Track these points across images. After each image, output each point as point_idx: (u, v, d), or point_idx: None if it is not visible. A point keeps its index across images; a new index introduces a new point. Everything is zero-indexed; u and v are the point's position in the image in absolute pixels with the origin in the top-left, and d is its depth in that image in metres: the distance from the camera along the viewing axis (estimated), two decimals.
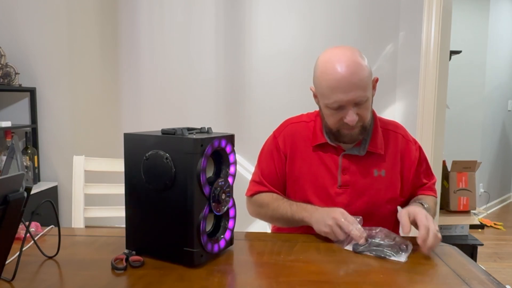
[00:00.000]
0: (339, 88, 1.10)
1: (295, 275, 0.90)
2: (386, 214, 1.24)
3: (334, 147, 1.25)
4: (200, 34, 2.46)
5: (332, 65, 1.11)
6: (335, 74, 1.10)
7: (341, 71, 1.09)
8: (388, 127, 1.30)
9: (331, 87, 1.11)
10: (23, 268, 0.88)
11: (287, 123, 1.34)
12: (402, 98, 2.40)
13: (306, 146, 1.27)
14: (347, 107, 1.13)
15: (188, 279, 0.86)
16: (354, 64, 1.10)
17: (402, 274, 0.91)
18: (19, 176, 0.75)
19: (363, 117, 1.16)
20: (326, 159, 1.25)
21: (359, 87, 1.10)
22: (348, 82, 1.09)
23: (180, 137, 0.90)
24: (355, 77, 1.09)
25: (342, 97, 1.11)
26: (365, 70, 1.12)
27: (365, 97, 1.12)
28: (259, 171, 1.32)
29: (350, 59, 1.11)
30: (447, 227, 2.62)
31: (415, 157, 1.28)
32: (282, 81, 2.44)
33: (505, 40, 4.44)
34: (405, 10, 2.36)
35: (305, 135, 1.28)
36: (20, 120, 2.51)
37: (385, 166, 1.24)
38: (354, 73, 1.09)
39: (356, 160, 1.23)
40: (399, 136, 1.29)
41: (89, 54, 2.50)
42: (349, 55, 1.12)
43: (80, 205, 1.51)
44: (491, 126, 4.43)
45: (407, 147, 1.28)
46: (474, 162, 2.68)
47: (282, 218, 1.23)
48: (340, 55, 1.12)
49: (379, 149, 1.24)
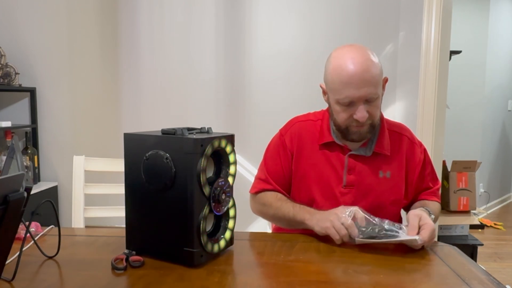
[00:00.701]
0: (351, 84, 1.11)
1: (295, 275, 0.90)
2: (389, 216, 1.23)
3: (340, 147, 1.25)
4: (200, 34, 2.46)
5: (345, 61, 1.13)
6: (348, 70, 1.12)
7: (354, 67, 1.11)
8: (394, 128, 1.29)
9: (344, 82, 1.12)
10: (23, 268, 0.88)
11: (294, 121, 1.34)
12: (402, 98, 2.40)
13: (312, 144, 1.27)
14: (357, 103, 1.13)
15: (188, 279, 0.86)
16: (367, 61, 1.12)
17: (402, 274, 0.91)
18: (19, 176, 0.75)
19: (373, 114, 1.16)
20: (332, 159, 1.25)
21: (371, 84, 1.11)
22: (360, 78, 1.11)
23: (180, 137, 0.90)
24: (367, 73, 1.11)
25: (354, 92, 1.12)
26: (377, 68, 1.13)
27: (376, 94, 1.13)
28: (265, 169, 1.32)
29: (363, 56, 1.13)
30: (447, 227, 2.62)
31: (419, 159, 1.28)
32: (282, 81, 2.44)
33: (505, 40, 4.44)
34: (405, 10, 2.36)
35: (312, 134, 1.28)
36: (20, 120, 2.51)
37: (391, 167, 1.24)
38: (367, 70, 1.11)
39: (362, 161, 1.23)
40: (405, 138, 1.28)
41: (89, 54, 2.50)
42: (362, 52, 1.14)
43: (80, 205, 1.51)
44: (491, 126, 4.43)
45: (413, 149, 1.28)
46: (474, 162, 2.68)
47: (284, 218, 1.23)
48: (353, 52, 1.14)
49: (386, 150, 1.24)
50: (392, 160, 1.25)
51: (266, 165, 1.33)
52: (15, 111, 2.52)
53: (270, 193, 1.29)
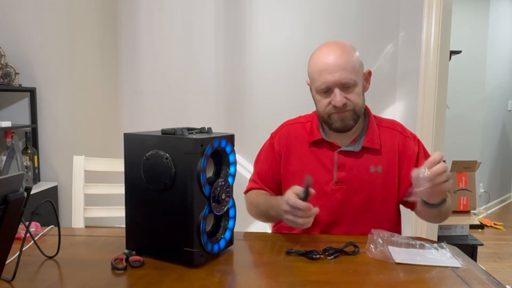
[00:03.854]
0: (326, 70, 1.17)
1: (295, 275, 0.90)
2: (382, 212, 1.24)
3: (330, 144, 1.25)
4: (200, 34, 2.46)
5: (321, 51, 1.21)
6: (322, 58, 1.19)
7: (328, 55, 1.18)
8: (384, 124, 1.30)
9: (319, 69, 1.19)
10: (23, 268, 0.88)
11: (284, 124, 1.38)
12: (402, 98, 2.40)
13: (302, 145, 1.29)
14: (334, 89, 1.17)
15: (188, 279, 0.86)
16: (341, 49, 1.18)
17: (402, 274, 0.91)
18: (19, 176, 0.75)
19: (353, 101, 1.18)
20: (322, 157, 1.26)
21: (345, 69, 1.15)
22: (334, 63, 1.16)
23: (180, 137, 0.90)
24: (340, 59, 1.16)
25: (329, 77, 1.16)
26: (352, 55, 1.18)
27: (351, 79, 1.16)
28: (255, 170, 1.37)
29: (338, 46, 1.19)
30: (447, 227, 2.62)
31: (413, 151, 1.26)
32: (282, 81, 2.44)
33: (505, 40, 4.44)
34: (405, 10, 2.36)
35: (301, 135, 1.30)
36: (20, 120, 2.51)
37: (382, 162, 1.24)
38: (341, 56, 1.17)
39: (352, 157, 1.24)
40: (396, 132, 1.28)
41: (89, 54, 2.50)
42: (338, 43, 1.21)
43: (80, 205, 1.51)
44: (491, 126, 4.43)
45: (405, 143, 1.27)
46: (474, 162, 2.68)
47: (262, 212, 1.27)
48: (329, 43, 1.23)
49: (375, 144, 1.24)
50: (383, 154, 1.24)
51: (256, 166, 1.38)
52: (15, 111, 2.52)
53: (255, 191, 1.33)
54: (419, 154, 1.27)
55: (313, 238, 1.15)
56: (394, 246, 1.03)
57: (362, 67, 1.22)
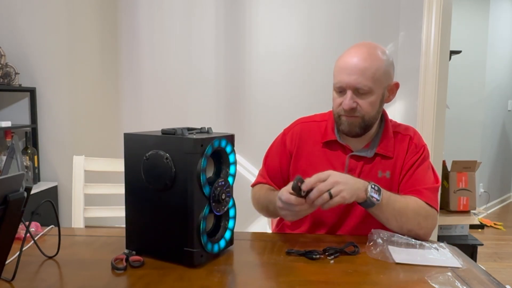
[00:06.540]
0: (345, 70, 1.14)
1: (295, 275, 0.90)
2: None
3: (343, 147, 1.24)
4: (200, 34, 2.46)
5: (350, 50, 1.17)
6: (347, 57, 1.16)
7: (353, 56, 1.14)
8: (399, 129, 1.27)
9: (340, 67, 1.16)
10: (23, 268, 0.88)
11: (298, 121, 1.35)
12: (402, 98, 2.40)
13: (314, 145, 1.27)
14: (347, 90, 1.15)
15: (188, 279, 0.86)
16: (367, 54, 1.14)
17: (402, 274, 0.91)
18: (19, 176, 0.75)
19: (363, 108, 1.15)
20: (333, 159, 1.24)
21: (363, 74, 1.12)
22: (354, 66, 1.13)
23: (180, 137, 0.90)
24: (362, 63, 1.12)
25: (345, 78, 1.14)
26: (376, 62, 1.13)
27: (366, 86, 1.13)
28: (264, 164, 1.36)
29: (366, 49, 1.15)
30: (447, 227, 2.63)
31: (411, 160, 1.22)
32: (282, 81, 2.44)
33: (505, 40, 4.44)
34: (405, 10, 2.36)
35: (314, 135, 1.29)
36: (20, 120, 2.51)
37: (391, 167, 1.22)
38: (364, 60, 1.13)
39: (363, 162, 1.23)
40: (407, 137, 1.25)
41: (89, 54, 2.50)
42: (368, 46, 1.16)
43: (80, 205, 1.51)
44: (491, 126, 4.43)
45: (410, 149, 1.24)
46: (474, 162, 2.68)
47: (263, 207, 1.27)
48: (361, 44, 1.18)
49: (389, 152, 1.22)
50: (393, 160, 1.23)
51: (266, 161, 1.37)
52: (15, 111, 2.52)
53: (259, 185, 1.33)
54: (414, 164, 1.22)
55: (313, 238, 1.15)
56: (394, 246, 1.03)
57: (387, 77, 1.18)
